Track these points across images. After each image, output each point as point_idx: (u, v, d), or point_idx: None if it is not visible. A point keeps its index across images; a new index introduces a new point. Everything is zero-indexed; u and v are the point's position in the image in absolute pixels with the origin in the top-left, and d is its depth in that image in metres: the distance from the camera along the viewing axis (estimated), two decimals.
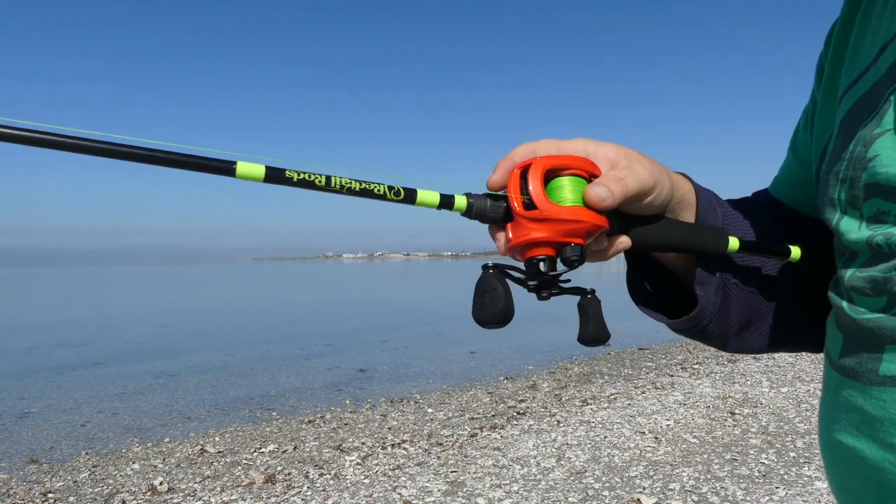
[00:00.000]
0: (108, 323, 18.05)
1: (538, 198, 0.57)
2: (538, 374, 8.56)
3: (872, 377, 0.54)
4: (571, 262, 0.58)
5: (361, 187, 0.52)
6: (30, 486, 4.68)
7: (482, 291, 0.58)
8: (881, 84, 0.56)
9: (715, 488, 4.03)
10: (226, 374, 9.38)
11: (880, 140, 0.53)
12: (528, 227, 0.57)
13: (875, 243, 0.54)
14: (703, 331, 0.72)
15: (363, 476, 4.53)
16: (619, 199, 0.58)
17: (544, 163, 0.58)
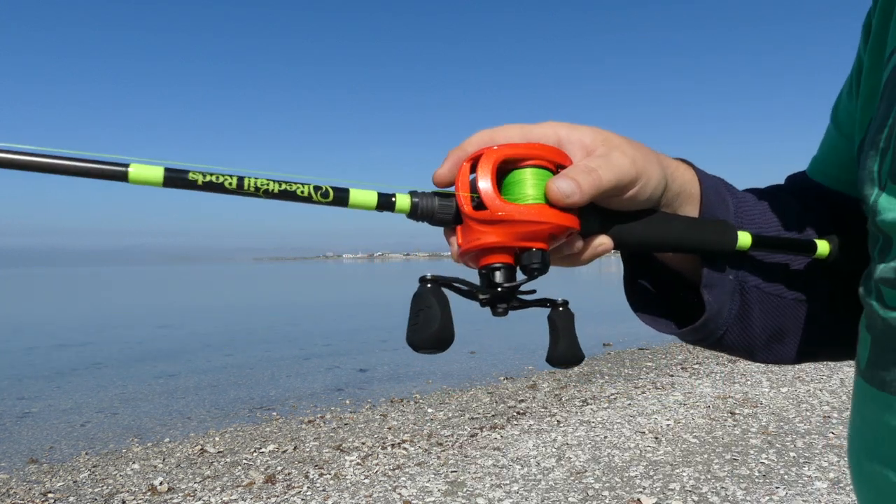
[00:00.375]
0: (108, 323, 18.06)
1: (488, 195, 0.48)
2: (538, 374, 8.56)
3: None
4: (531, 271, 0.50)
5: (281, 189, 0.45)
6: (30, 486, 4.68)
7: (416, 310, 0.49)
8: None
9: (715, 488, 4.03)
10: (226, 375, 9.38)
11: None
12: (479, 230, 0.49)
13: None
14: (719, 342, 0.61)
15: (363, 476, 4.53)
16: (590, 195, 0.49)
17: (498, 153, 0.49)
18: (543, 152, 0.50)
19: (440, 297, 0.49)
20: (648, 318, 0.64)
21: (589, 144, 0.52)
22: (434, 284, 0.49)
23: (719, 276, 0.59)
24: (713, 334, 0.60)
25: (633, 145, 0.53)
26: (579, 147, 0.52)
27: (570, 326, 0.54)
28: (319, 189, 0.46)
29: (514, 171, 0.50)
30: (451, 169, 0.51)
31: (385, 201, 0.48)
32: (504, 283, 0.50)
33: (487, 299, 0.50)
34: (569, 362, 0.53)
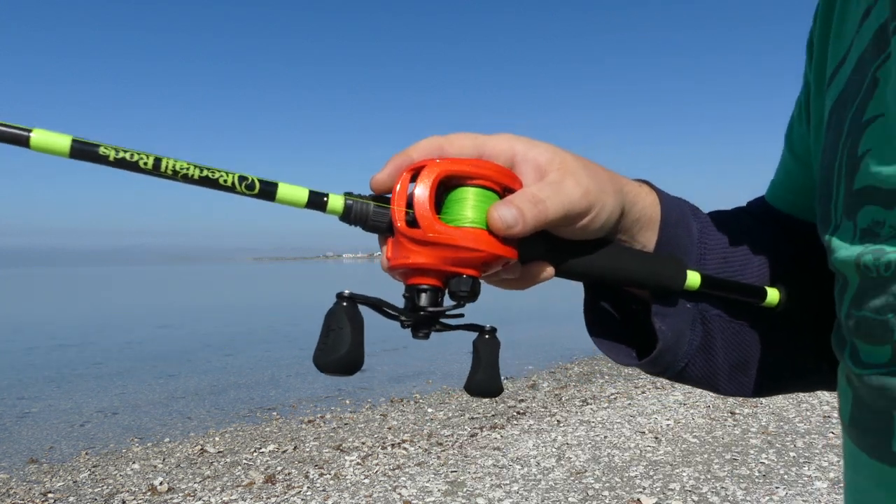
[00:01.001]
0: (108, 323, 18.06)
1: (422, 214, 0.45)
2: (538, 374, 8.56)
3: (886, 455, 0.42)
4: (458, 298, 0.47)
5: (202, 175, 0.42)
6: (30, 486, 4.68)
7: (327, 329, 0.46)
8: (865, 59, 0.45)
9: (715, 488, 4.03)
10: (226, 375, 9.38)
11: (869, 130, 0.42)
12: (409, 248, 0.46)
13: (863, 265, 0.42)
14: (681, 374, 0.57)
15: (363, 476, 4.53)
16: (533, 227, 0.45)
17: (441, 168, 0.46)
18: (491, 172, 0.47)
19: (354, 318, 0.46)
20: (606, 345, 0.60)
21: (543, 165, 0.48)
22: (350, 303, 0.46)
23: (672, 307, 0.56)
24: (673, 366, 0.57)
25: (590, 171, 0.50)
26: (533, 167, 0.48)
27: (493, 356, 0.51)
28: (245, 180, 0.43)
29: (458, 188, 0.47)
30: (391, 175, 0.47)
31: (316, 200, 0.45)
32: (428, 306, 0.47)
33: (408, 322, 0.48)
34: (485, 393, 0.50)
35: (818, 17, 0.56)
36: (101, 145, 0.41)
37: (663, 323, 0.55)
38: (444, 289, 0.47)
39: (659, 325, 0.55)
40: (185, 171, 0.42)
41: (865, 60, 0.45)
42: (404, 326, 0.48)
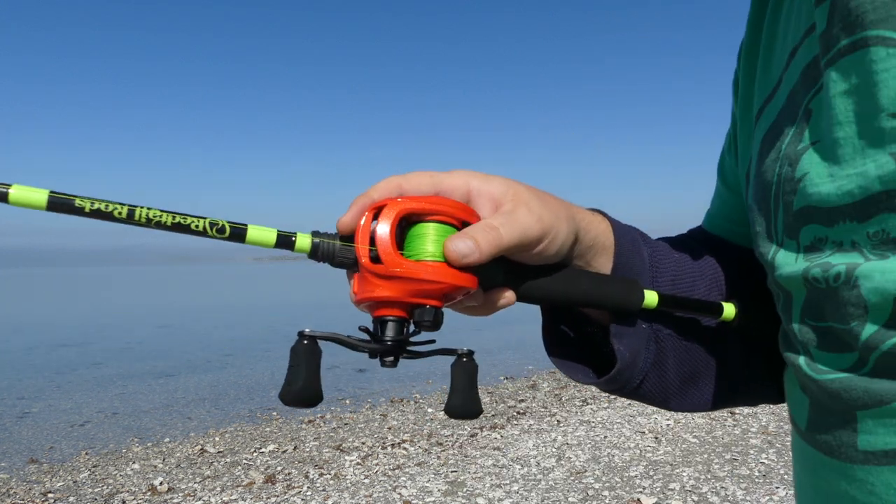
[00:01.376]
0: (108, 323, 18.06)
1: (384, 250, 0.48)
2: (538, 374, 8.56)
3: (852, 453, 0.44)
4: (422, 327, 0.50)
5: (174, 221, 0.45)
6: (30, 486, 4.68)
7: (289, 365, 0.49)
8: (796, 93, 0.49)
9: (715, 488, 4.03)
10: (226, 374, 9.38)
11: (806, 156, 0.46)
12: (373, 283, 0.49)
13: (811, 278, 0.45)
14: (636, 391, 0.61)
15: (363, 476, 4.53)
16: (489, 255, 0.48)
17: (401, 206, 0.49)
18: (448, 208, 0.50)
19: (311, 356, 0.49)
20: (564, 365, 0.62)
21: (498, 198, 0.51)
22: (310, 341, 0.50)
23: (630, 327, 0.59)
24: (630, 383, 0.60)
25: (543, 200, 0.52)
26: (488, 199, 0.51)
27: (470, 379, 0.53)
28: (215, 224, 0.46)
29: (418, 224, 0.50)
30: (355, 217, 0.50)
31: (285, 240, 0.48)
32: (394, 336, 0.50)
33: (375, 350, 0.51)
34: (464, 416, 0.52)
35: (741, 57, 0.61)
36: (76, 198, 0.43)
37: (621, 343, 0.58)
38: (409, 319, 0.50)
39: (617, 345, 0.58)
40: (158, 218, 0.45)
41: (797, 94, 0.49)
42: (371, 356, 0.51)
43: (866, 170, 0.41)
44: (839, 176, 0.43)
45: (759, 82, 0.57)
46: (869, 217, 0.41)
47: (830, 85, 0.44)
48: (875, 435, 0.42)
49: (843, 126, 0.43)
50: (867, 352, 0.42)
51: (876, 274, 0.41)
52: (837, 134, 0.43)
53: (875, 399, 0.42)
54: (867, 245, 0.42)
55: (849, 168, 0.42)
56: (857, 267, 0.42)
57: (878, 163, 0.40)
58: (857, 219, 0.42)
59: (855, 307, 0.42)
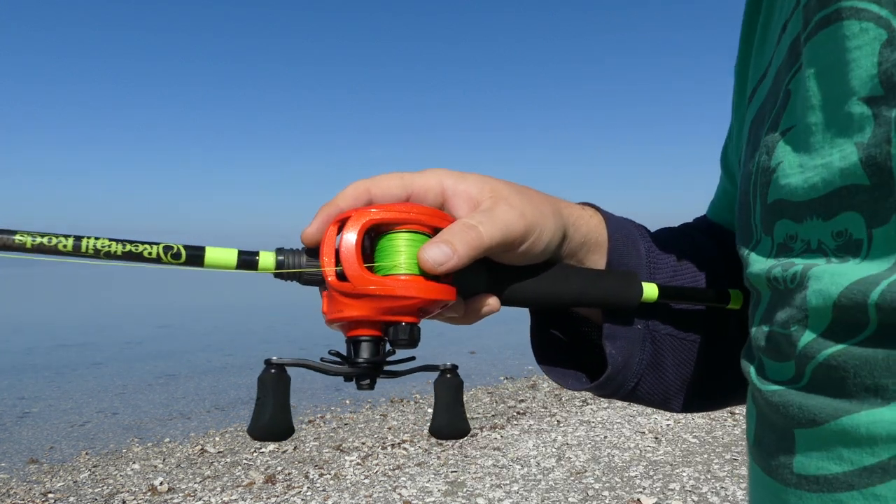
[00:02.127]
0: (108, 323, 18.06)
1: (350, 267, 0.44)
2: (538, 374, 8.56)
3: (787, 476, 0.40)
4: (399, 346, 0.47)
5: (125, 250, 0.41)
6: (30, 486, 4.68)
7: (256, 398, 0.46)
8: (780, 72, 0.44)
9: (715, 488, 4.03)
10: (226, 374, 9.38)
11: (781, 143, 0.41)
12: (342, 302, 0.45)
13: (773, 277, 0.42)
14: (633, 393, 0.57)
15: (363, 476, 4.53)
16: (469, 257, 0.44)
17: (366, 218, 0.45)
18: (419, 216, 0.46)
19: (278, 387, 0.46)
20: (555, 372, 0.59)
21: (475, 196, 0.47)
22: (278, 370, 0.46)
23: (624, 324, 0.55)
24: (623, 387, 0.56)
25: (525, 196, 0.49)
26: (465, 200, 0.48)
27: (455, 395, 0.49)
28: (170, 249, 0.43)
29: (388, 234, 0.46)
30: (320, 228, 0.46)
31: (247, 260, 0.45)
32: (368, 358, 0.47)
33: (349, 374, 0.47)
34: (450, 436, 0.49)
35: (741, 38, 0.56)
36: (17, 233, 0.40)
37: (613, 346, 0.55)
38: (384, 338, 0.47)
39: (609, 349, 0.55)
40: (107, 248, 0.41)
41: (781, 74, 0.44)
42: (346, 380, 0.48)
43: (831, 161, 0.37)
44: (808, 167, 0.38)
45: (755, 61, 0.52)
46: (833, 215, 0.37)
47: (806, 64, 0.39)
48: (809, 458, 0.38)
49: (816, 111, 0.38)
50: (803, 362, 0.38)
51: (826, 276, 0.37)
52: (810, 119, 0.39)
53: (809, 418, 0.38)
54: (832, 245, 0.38)
55: (817, 158, 0.38)
56: (812, 268, 0.38)
57: (843, 153, 0.36)
58: (822, 216, 0.38)
59: (798, 310, 0.39)
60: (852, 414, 0.36)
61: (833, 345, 0.36)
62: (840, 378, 0.36)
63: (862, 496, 0.35)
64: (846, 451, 0.36)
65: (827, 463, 0.37)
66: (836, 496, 0.37)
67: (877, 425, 0.34)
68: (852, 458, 0.36)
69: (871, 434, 0.35)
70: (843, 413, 0.36)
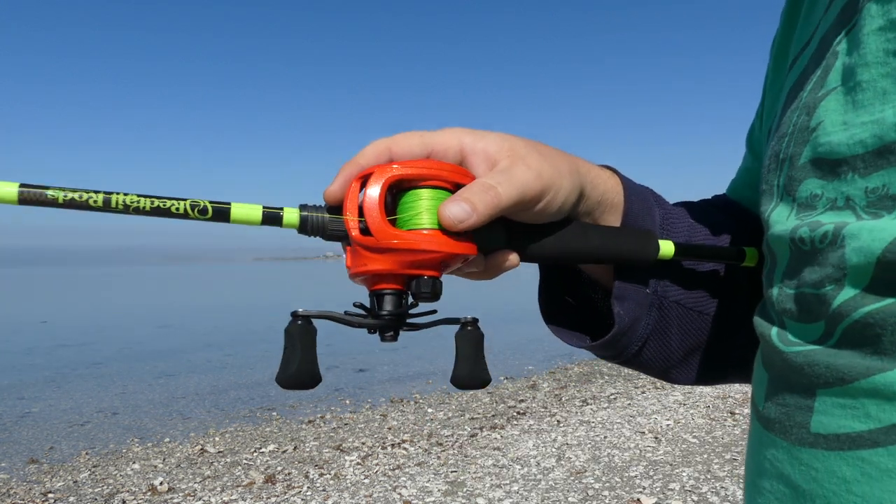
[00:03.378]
0: (108, 323, 18.06)
1: (374, 222, 0.45)
2: (538, 374, 8.56)
3: (803, 434, 0.40)
4: (421, 299, 0.48)
5: (153, 206, 0.43)
6: (30, 486, 4.68)
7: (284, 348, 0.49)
8: (828, 36, 0.44)
9: (715, 488, 4.03)
10: (226, 374, 9.38)
11: (825, 102, 0.41)
12: (365, 256, 0.46)
13: (798, 238, 0.41)
14: (636, 357, 0.58)
15: (363, 476, 4.53)
16: (487, 216, 0.45)
17: (389, 174, 0.46)
18: (440, 172, 0.47)
19: (305, 337, 0.48)
20: (560, 332, 0.60)
21: (493, 155, 0.48)
22: (304, 321, 0.48)
23: (634, 288, 0.55)
24: (627, 349, 0.57)
25: (543, 154, 0.49)
26: (483, 158, 0.48)
27: (475, 347, 0.51)
28: (197, 205, 0.44)
29: (410, 191, 0.47)
30: (342, 186, 0.47)
31: (271, 216, 0.46)
32: (392, 310, 0.48)
33: (373, 325, 0.49)
34: (470, 385, 0.51)
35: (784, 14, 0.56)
36: (49, 189, 0.41)
37: (622, 307, 0.55)
38: (406, 291, 0.48)
39: (617, 309, 0.55)
40: (136, 204, 0.43)
41: (828, 37, 0.44)
42: (370, 331, 0.49)
43: (884, 116, 0.36)
44: (853, 124, 0.38)
45: (798, 33, 0.52)
46: (874, 171, 0.37)
47: (867, 21, 0.39)
48: (830, 416, 0.38)
49: (870, 67, 0.38)
50: (835, 321, 0.38)
51: (864, 233, 0.36)
52: (861, 76, 0.38)
53: (837, 376, 0.37)
54: (862, 202, 0.37)
55: (865, 115, 0.37)
56: (846, 226, 0.37)
57: None
58: (859, 172, 0.37)
59: (835, 269, 0.38)
60: (886, 372, 0.35)
61: (872, 302, 0.36)
62: (875, 335, 0.36)
63: (888, 453, 0.35)
64: (874, 409, 0.35)
65: (850, 421, 0.37)
66: (858, 454, 0.36)
67: None
68: (881, 415, 0.35)
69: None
70: (876, 371, 0.35)
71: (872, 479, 0.35)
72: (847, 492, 0.36)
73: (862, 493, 0.35)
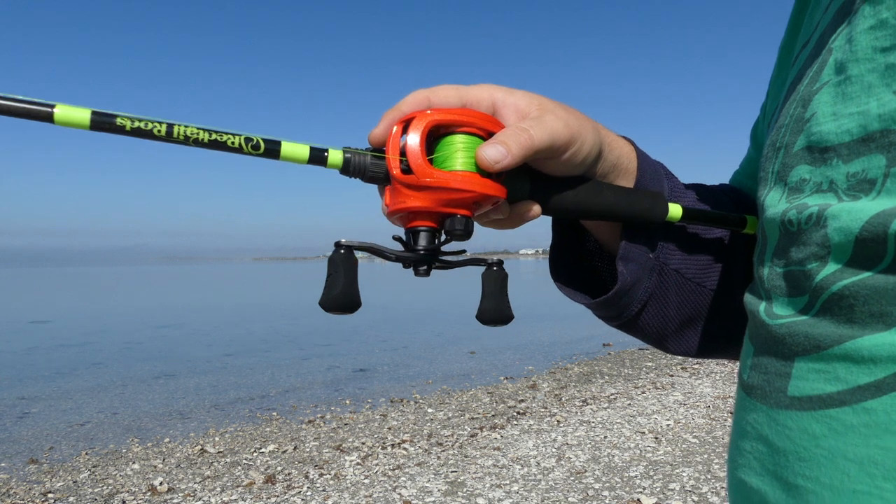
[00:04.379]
0: (109, 323, 18.05)
1: (415, 161, 0.49)
2: (538, 374, 8.56)
3: (780, 398, 0.43)
4: (454, 237, 0.51)
5: (211, 138, 0.46)
6: (30, 486, 4.68)
7: (327, 275, 0.51)
8: (826, 33, 0.47)
9: (715, 488, 4.03)
10: (226, 374, 9.37)
11: (818, 95, 0.44)
12: (405, 194, 0.50)
13: (787, 219, 0.44)
14: (634, 321, 0.61)
15: (363, 476, 4.53)
16: (521, 157, 0.49)
17: (430, 118, 0.50)
18: (476, 119, 0.51)
19: (348, 263, 0.51)
20: (566, 290, 0.64)
21: (523, 108, 0.52)
22: (346, 250, 0.51)
23: (638, 250, 0.58)
24: (627, 309, 0.60)
25: (569, 110, 0.53)
26: (514, 111, 0.52)
27: (499, 285, 0.54)
28: (251, 140, 0.47)
29: (447, 136, 0.51)
30: (385, 129, 0.51)
31: (317, 156, 0.49)
32: (426, 246, 0.51)
33: (408, 259, 0.52)
34: (495, 320, 0.54)
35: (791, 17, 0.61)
36: (118, 116, 0.44)
37: (625, 267, 0.58)
38: (440, 230, 0.52)
39: (621, 268, 0.58)
40: (196, 135, 0.45)
41: (825, 35, 0.47)
42: (405, 266, 0.53)
43: (868, 108, 0.39)
44: (842, 114, 0.41)
45: (803, 31, 0.55)
46: (857, 156, 0.40)
47: (859, 21, 0.42)
48: (805, 381, 0.41)
49: (859, 63, 0.41)
50: (817, 294, 0.41)
51: (843, 213, 0.39)
52: (851, 71, 0.41)
53: (814, 344, 0.40)
54: (843, 186, 0.41)
55: (852, 106, 0.41)
56: (829, 207, 0.41)
57: (881, 101, 0.39)
58: (843, 158, 0.41)
59: (819, 247, 0.41)
60: (856, 339, 0.38)
61: (850, 276, 0.39)
62: (849, 307, 0.39)
63: (853, 411, 0.38)
64: (843, 372, 0.39)
65: (822, 384, 0.40)
66: (827, 412, 0.39)
67: (878, 348, 0.37)
68: (848, 377, 0.38)
69: (871, 356, 0.37)
70: (848, 338, 0.39)
71: (838, 433, 0.38)
72: (816, 446, 0.40)
73: (828, 446, 0.39)
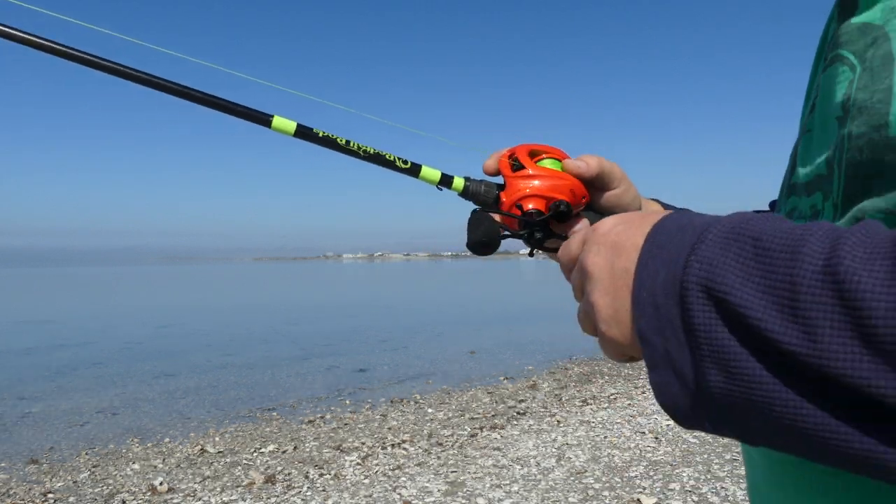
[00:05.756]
0: (109, 323, 18.05)
1: (523, 159, 0.68)
2: (538, 374, 8.56)
3: None
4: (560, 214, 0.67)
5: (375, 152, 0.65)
6: (30, 486, 4.68)
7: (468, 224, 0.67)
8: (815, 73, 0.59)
9: (715, 488, 4.03)
10: (226, 374, 9.37)
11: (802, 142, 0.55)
12: (518, 182, 0.67)
13: None
14: None
15: (363, 476, 4.53)
16: (596, 169, 0.69)
17: (527, 147, 0.70)
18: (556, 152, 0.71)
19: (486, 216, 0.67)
20: None
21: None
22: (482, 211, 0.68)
23: None
24: None
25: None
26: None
27: None
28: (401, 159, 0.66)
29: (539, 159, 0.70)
30: (496, 159, 0.70)
31: (446, 180, 0.68)
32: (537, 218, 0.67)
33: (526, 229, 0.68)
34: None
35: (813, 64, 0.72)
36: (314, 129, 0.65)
37: None
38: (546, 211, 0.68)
39: None
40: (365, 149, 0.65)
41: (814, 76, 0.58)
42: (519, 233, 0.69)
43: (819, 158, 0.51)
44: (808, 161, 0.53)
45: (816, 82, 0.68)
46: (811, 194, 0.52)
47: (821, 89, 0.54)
48: None
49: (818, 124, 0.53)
50: None
51: None
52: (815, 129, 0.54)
53: None
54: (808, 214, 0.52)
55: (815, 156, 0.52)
56: None
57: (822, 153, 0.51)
58: (806, 194, 0.53)
59: None
60: None
61: None
62: None
63: None
64: None
65: None
66: None
67: None
68: None
69: None
70: None
71: None
72: None
73: None
